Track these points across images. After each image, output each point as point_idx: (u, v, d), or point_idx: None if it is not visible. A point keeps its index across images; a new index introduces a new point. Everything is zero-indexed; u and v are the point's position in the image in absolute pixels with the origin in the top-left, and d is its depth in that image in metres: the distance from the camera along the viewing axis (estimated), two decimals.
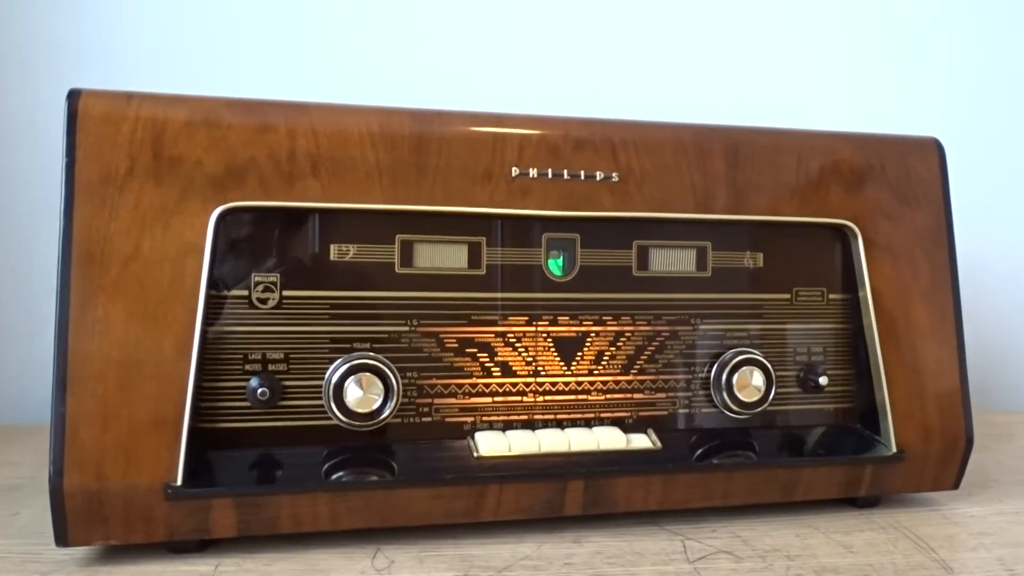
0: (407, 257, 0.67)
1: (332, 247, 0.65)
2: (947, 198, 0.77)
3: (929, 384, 0.74)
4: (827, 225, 0.74)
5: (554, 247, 0.70)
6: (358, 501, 0.63)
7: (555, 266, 0.70)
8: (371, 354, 0.65)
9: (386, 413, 0.64)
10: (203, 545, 0.63)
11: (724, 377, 0.71)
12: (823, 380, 0.74)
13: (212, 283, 0.62)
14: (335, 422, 0.64)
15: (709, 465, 0.70)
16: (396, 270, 0.67)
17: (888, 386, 0.73)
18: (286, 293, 0.65)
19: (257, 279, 0.64)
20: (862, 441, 0.75)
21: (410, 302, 0.67)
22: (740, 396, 0.71)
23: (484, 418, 0.68)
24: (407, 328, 0.67)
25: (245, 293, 0.64)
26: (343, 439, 0.65)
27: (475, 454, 0.66)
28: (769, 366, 0.72)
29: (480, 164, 0.66)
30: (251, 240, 0.64)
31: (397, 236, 0.67)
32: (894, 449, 0.73)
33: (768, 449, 0.73)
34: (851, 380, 0.76)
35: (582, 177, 0.68)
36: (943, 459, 0.75)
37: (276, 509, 0.62)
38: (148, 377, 0.59)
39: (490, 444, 0.66)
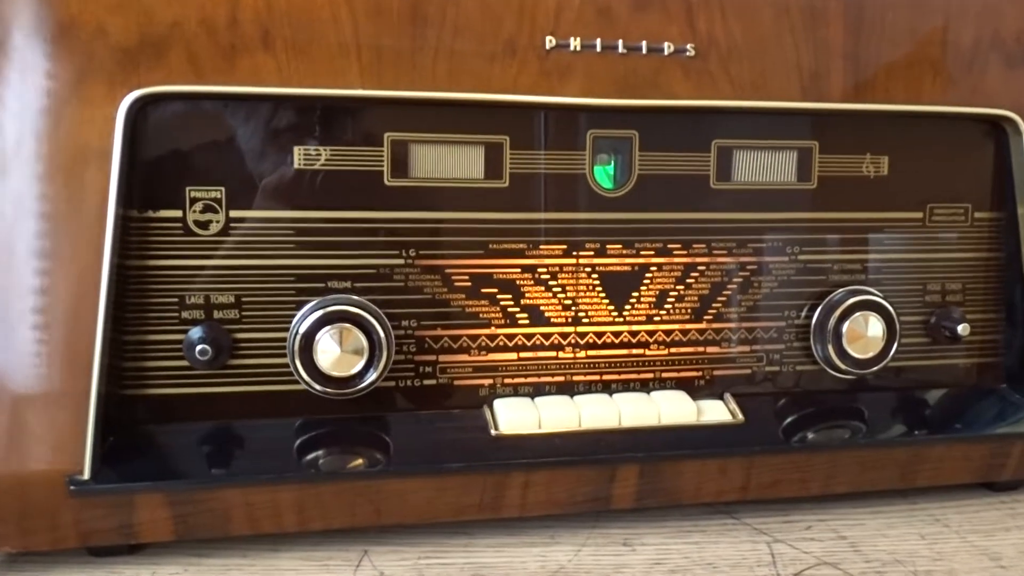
0: (401, 164, 0.49)
1: (296, 150, 0.48)
2: None
3: None
4: (979, 117, 0.54)
5: (603, 149, 0.51)
6: (335, 494, 0.47)
7: (604, 175, 0.51)
8: (352, 297, 0.48)
9: (370, 378, 0.47)
10: (135, 547, 0.48)
11: (831, 325, 0.53)
12: (963, 329, 0.55)
13: (127, 200, 0.45)
14: (304, 387, 0.47)
15: (806, 443, 0.53)
16: (386, 182, 0.49)
17: None
18: (235, 214, 0.47)
19: (194, 194, 0.47)
20: (1009, 407, 0.57)
21: (405, 226, 0.49)
22: (851, 351, 0.53)
23: (507, 380, 0.51)
24: (402, 261, 0.49)
25: (177, 214, 0.47)
26: (316, 409, 0.49)
27: (493, 431, 0.49)
28: (892, 310, 0.53)
29: (501, 32, 0.47)
30: (181, 141, 0.46)
31: (386, 135, 0.48)
32: None
33: (883, 419, 0.56)
34: (998, 327, 0.58)
35: (644, 51, 0.49)
36: None
37: (224, 505, 0.46)
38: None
39: (513, 417, 0.49)
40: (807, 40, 0.51)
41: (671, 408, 0.51)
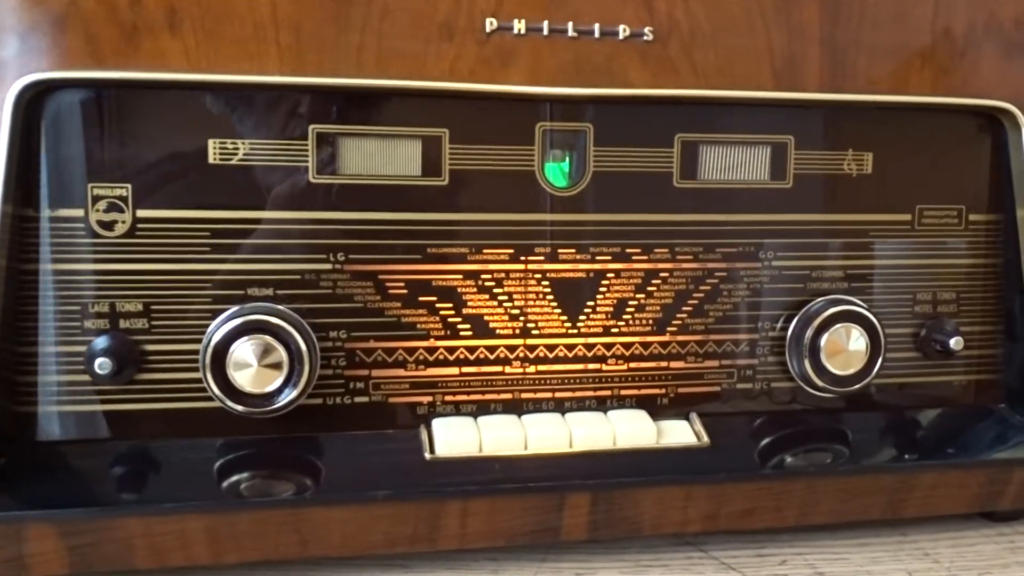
0: (328, 159, 0.44)
1: (211, 144, 0.43)
2: None
3: None
4: (973, 109, 0.49)
5: (555, 144, 0.46)
6: (254, 523, 0.43)
7: (557, 173, 0.47)
8: (272, 306, 0.44)
9: (290, 395, 0.43)
10: None
11: (808, 338, 0.48)
12: (956, 342, 0.50)
13: (22, 198, 0.41)
14: (218, 405, 0.43)
15: (779, 469, 0.48)
16: (311, 178, 0.44)
17: None
18: (143, 213, 0.43)
19: (97, 192, 0.42)
20: (1008, 429, 0.52)
21: (333, 227, 0.45)
22: (830, 366, 0.48)
23: (447, 398, 0.47)
24: (330, 266, 0.45)
25: (79, 214, 0.42)
26: (238, 429, 0.44)
27: (427, 454, 0.44)
28: (876, 322, 0.48)
29: (436, 14, 0.43)
30: (82, 133, 0.42)
31: (311, 127, 0.44)
32: None
33: (868, 442, 0.51)
34: (996, 341, 0.52)
35: (596, 34, 0.44)
36: None
37: (125, 536, 0.42)
38: None
39: (451, 439, 0.45)
40: (779, 23, 0.46)
41: (628, 429, 0.46)
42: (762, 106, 0.48)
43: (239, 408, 0.43)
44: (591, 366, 0.48)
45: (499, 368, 0.47)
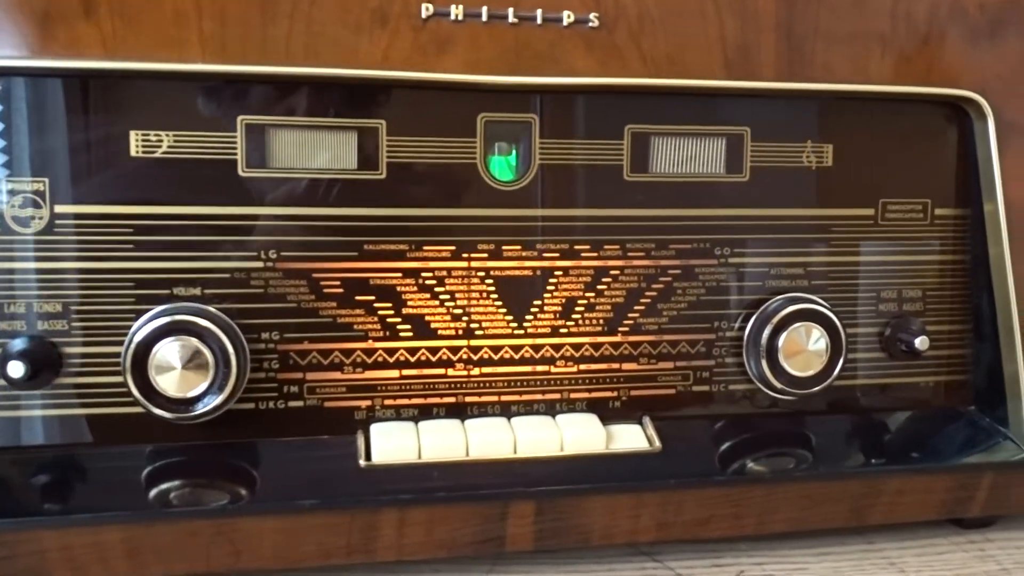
0: (258, 152, 0.42)
1: (133, 135, 0.41)
2: None
3: None
4: (937, 98, 0.47)
5: (499, 136, 0.44)
6: (176, 535, 0.41)
7: (503, 166, 0.45)
8: (198, 307, 0.41)
9: (215, 400, 0.41)
10: None
11: (765, 338, 0.46)
12: (921, 342, 0.48)
13: None
14: (142, 410, 0.41)
15: (735, 475, 0.46)
16: (240, 172, 0.42)
17: None
18: (61, 209, 0.41)
19: (11, 186, 0.40)
20: (977, 433, 0.50)
21: (264, 223, 0.43)
22: (788, 367, 0.46)
23: (387, 402, 0.45)
24: (261, 264, 0.43)
25: None
26: (163, 436, 0.42)
27: (362, 461, 0.42)
28: (837, 321, 0.46)
29: None
30: None
31: (239, 118, 0.42)
32: None
33: (833, 447, 0.49)
34: (964, 340, 0.50)
35: (538, 20, 0.42)
36: None
37: (39, 549, 0.40)
38: None
39: (388, 445, 0.43)
40: (732, 10, 0.44)
41: (576, 434, 0.44)
42: (716, 96, 0.46)
43: (162, 413, 0.40)
44: (539, 368, 0.46)
45: (441, 371, 0.45)
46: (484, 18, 0.42)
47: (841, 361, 0.47)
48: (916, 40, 0.46)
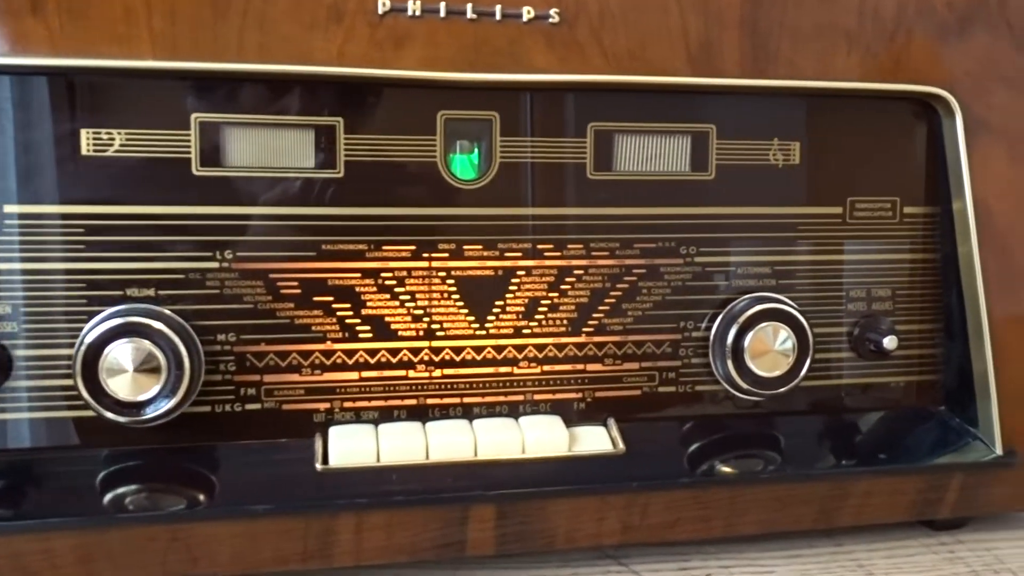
0: (213, 150, 0.41)
1: (84, 134, 0.40)
2: None
3: None
4: (905, 95, 0.47)
5: (460, 134, 0.44)
6: (129, 541, 0.40)
7: (466, 165, 0.44)
8: (150, 308, 0.41)
9: (167, 404, 0.40)
10: None
11: (731, 338, 0.45)
12: (889, 341, 0.47)
13: None
14: (93, 413, 0.40)
15: (702, 478, 0.45)
16: (195, 171, 0.41)
17: (995, 349, 0.47)
18: (10, 209, 0.40)
19: None
20: (948, 434, 0.49)
21: (220, 223, 0.42)
22: (755, 367, 0.46)
23: (346, 405, 0.44)
24: (216, 265, 0.42)
25: None
26: (118, 440, 0.42)
27: (318, 464, 0.41)
28: (804, 321, 0.46)
29: None
30: None
31: (193, 116, 0.41)
32: (999, 449, 0.47)
33: (802, 448, 0.48)
34: (934, 340, 0.50)
35: (497, 16, 0.42)
36: None
37: None
38: None
39: (346, 448, 0.42)
40: (695, 5, 0.43)
41: (538, 436, 0.43)
42: (681, 93, 0.45)
43: (112, 416, 0.40)
44: (502, 369, 0.45)
45: (402, 372, 0.44)
46: (442, 14, 0.41)
47: (808, 361, 0.46)
48: (883, 37, 0.45)
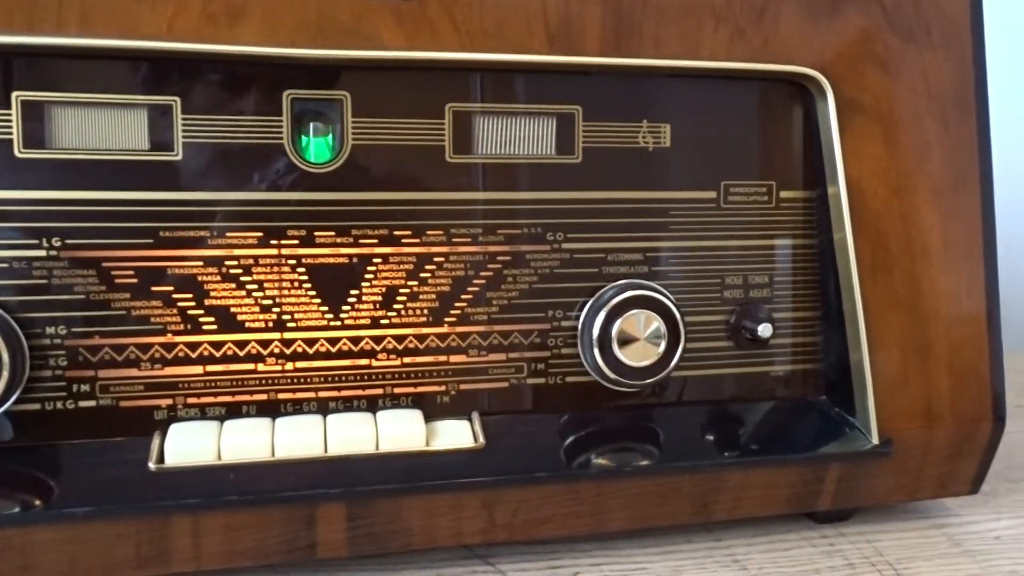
0: (36, 132, 0.39)
1: None
2: (979, 35, 0.47)
3: (938, 335, 0.46)
4: (775, 76, 0.45)
5: (308, 115, 0.42)
6: None
7: (321, 147, 0.42)
8: None
9: None
10: None
11: (598, 327, 0.44)
12: (764, 329, 0.46)
13: None
14: None
15: (563, 472, 0.43)
16: (17, 153, 0.39)
17: (871, 339, 0.46)
18: None
19: None
20: (828, 424, 0.48)
21: (46, 208, 0.39)
22: (623, 357, 0.44)
23: (190, 401, 0.42)
24: (44, 253, 0.39)
25: None
26: None
27: (152, 464, 0.39)
28: (674, 308, 0.44)
29: None
30: None
31: (14, 95, 0.39)
32: (875, 439, 0.46)
33: (677, 441, 0.46)
34: (814, 328, 0.49)
35: None
36: (954, 451, 0.48)
37: None
38: None
39: (183, 446, 0.39)
40: None
41: (393, 431, 0.41)
42: (544, 73, 0.44)
43: None
44: (359, 362, 0.43)
45: (251, 366, 0.42)
46: None
47: (680, 351, 0.45)
48: (751, 15, 0.44)
